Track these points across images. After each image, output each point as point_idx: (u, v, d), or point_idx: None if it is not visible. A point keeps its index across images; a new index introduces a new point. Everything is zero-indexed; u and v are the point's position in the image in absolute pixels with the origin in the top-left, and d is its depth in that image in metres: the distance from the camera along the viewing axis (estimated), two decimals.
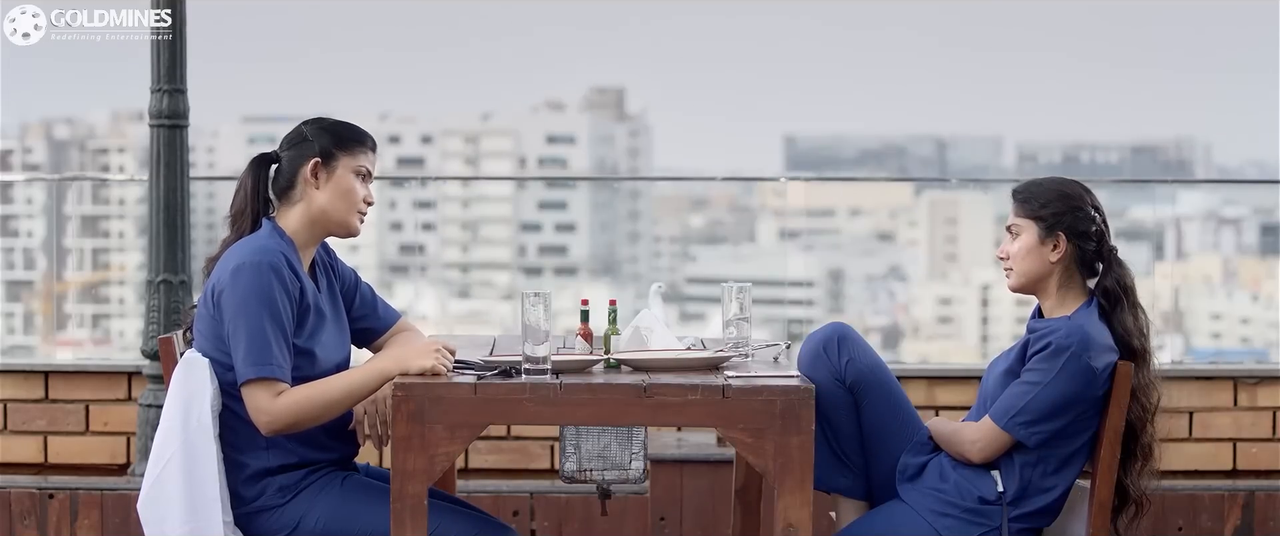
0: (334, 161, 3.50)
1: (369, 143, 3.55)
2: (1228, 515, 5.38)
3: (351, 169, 3.50)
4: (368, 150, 3.54)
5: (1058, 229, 3.57)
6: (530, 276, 71.35)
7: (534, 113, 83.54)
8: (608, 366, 3.52)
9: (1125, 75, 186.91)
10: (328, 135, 3.51)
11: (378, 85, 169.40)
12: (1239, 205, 61.49)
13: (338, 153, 3.50)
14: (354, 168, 3.51)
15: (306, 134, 3.52)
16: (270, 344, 3.34)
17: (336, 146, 3.50)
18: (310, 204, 3.49)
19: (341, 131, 3.53)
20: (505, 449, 5.60)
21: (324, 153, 3.49)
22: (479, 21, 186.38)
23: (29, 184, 52.96)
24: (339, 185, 3.50)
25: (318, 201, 3.49)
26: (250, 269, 3.36)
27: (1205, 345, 55.62)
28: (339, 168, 3.50)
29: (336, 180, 3.49)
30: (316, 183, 3.49)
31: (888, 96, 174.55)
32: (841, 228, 73.36)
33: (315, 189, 3.49)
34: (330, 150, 3.50)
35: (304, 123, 3.56)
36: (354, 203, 3.51)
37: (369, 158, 3.54)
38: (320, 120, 3.56)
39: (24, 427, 5.65)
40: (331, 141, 3.51)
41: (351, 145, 3.52)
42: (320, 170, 3.49)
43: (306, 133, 3.52)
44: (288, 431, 3.38)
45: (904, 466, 3.64)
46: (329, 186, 3.49)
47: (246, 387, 3.35)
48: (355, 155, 3.51)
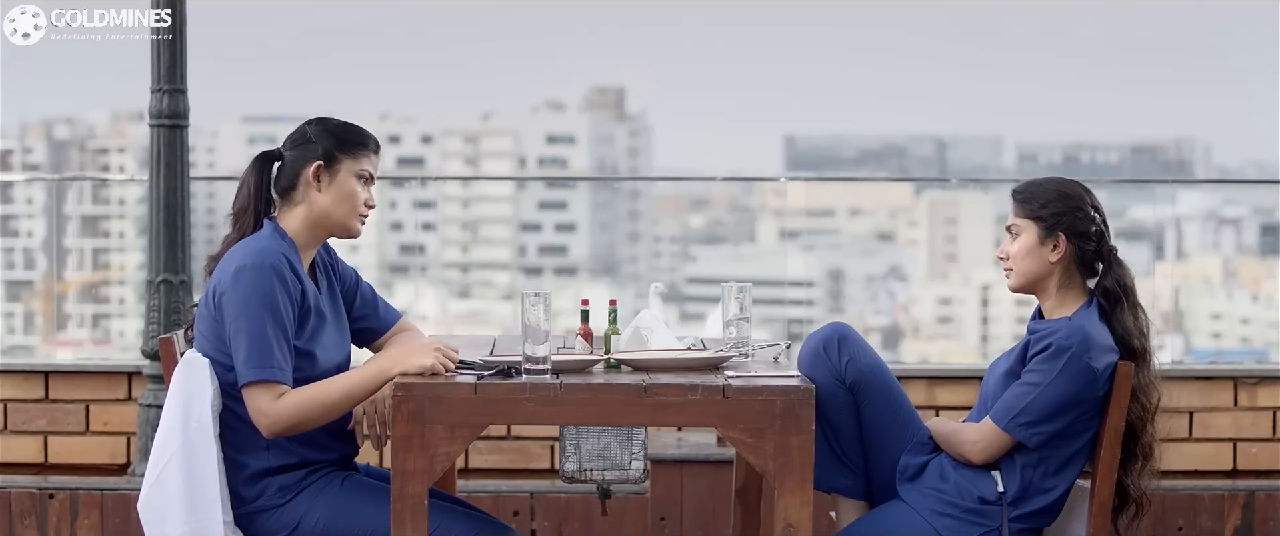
0: (336, 164, 3.49)
1: (372, 145, 3.55)
2: (1228, 515, 5.38)
3: (354, 172, 3.50)
4: (371, 153, 3.53)
5: (1058, 229, 3.57)
6: (530, 276, 71.37)
7: (534, 113, 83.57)
8: (608, 366, 3.52)
9: (1125, 75, 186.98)
10: (331, 137, 3.50)
11: (378, 85, 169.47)
12: (1239, 205, 61.51)
13: (340, 155, 3.49)
14: (356, 171, 3.50)
15: (310, 135, 3.51)
16: (272, 346, 3.34)
17: (339, 149, 3.50)
18: (312, 205, 3.49)
19: (345, 134, 3.52)
20: (505, 449, 5.59)
21: (326, 155, 3.48)
22: (479, 21, 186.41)
23: (29, 184, 52.94)
24: (341, 188, 3.49)
25: (319, 203, 3.49)
26: (252, 271, 3.36)
27: (1205, 345, 55.63)
28: (341, 171, 3.49)
29: (338, 183, 3.49)
30: (318, 185, 3.48)
31: (888, 96, 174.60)
32: (841, 227, 73.40)
33: (317, 191, 3.48)
34: (333, 153, 3.49)
35: (308, 122, 3.55)
36: (355, 206, 3.51)
37: (372, 160, 3.53)
38: (324, 121, 3.55)
39: (24, 427, 5.65)
40: (334, 144, 3.50)
41: (354, 148, 3.51)
42: (323, 173, 3.48)
43: (310, 133, 3.51)
44: (289, 433, 3.38)
45: (904, 466, 3.64)
46: (331, 189, 3.49)
47: (247, 390, 3.35)
48: (358, 158, 3.51)
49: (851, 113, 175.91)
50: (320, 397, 3.36)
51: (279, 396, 3.34)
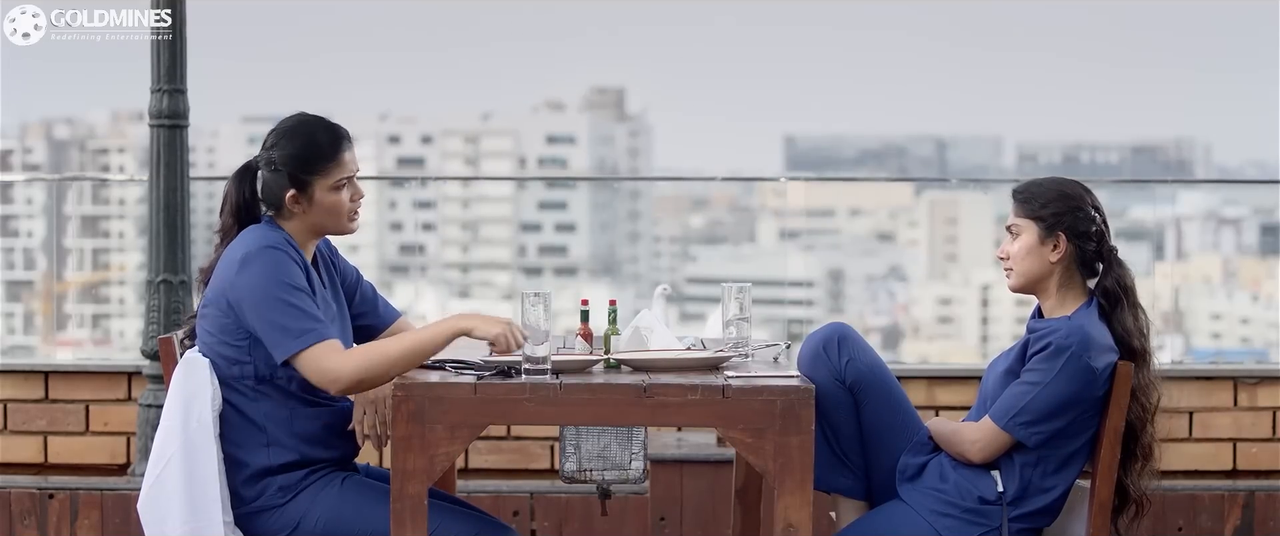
0: (309, 187, 3.47)
1: (338, 150, 3.48)
2: (1228, 515, 5.38)
3: (328, 187, 3.47)
4: (340, 157, 3.48)
5: (1058, 229, 3.57)
6: (530, 276, 71.36)
7: (534, 113, 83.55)
8: (608, 366, 3.52)
9: (1125, 75, 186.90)
10: (294, 161, 3.45)
11: (378, 85, 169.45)
12: (1239, 205, 61.50)
13: (308, 178, 3.46)
14: (330, 185, 3.47)
15: (275, 161, 3.46)
16: (305, 311, 3.34)
17: (304, 172, 3.46)
18: (302, 219, 3.50)
19: (306, 153, 3.46)
20: (505, 449, 5.59)
21: (295, 181, 3.46)
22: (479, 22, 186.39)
23: (29, 184, 52.97)
24: (320, 205, 3.48)
25: (308, 218, 3.50)
26: (258, 254, 3.38)
27: (1205, 345, 55.63)
28: (315, 190, 3.47)
29: (317, 202, 3.48)
30: (299, 208, 3.49)
31: (888, 96, 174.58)
32: (841, 228, 73.39)
33: (303, 210, 3.49)
34: (299, 177, 3.46)
35: (270, 142, 3.49)
36: (340, 214, 3.50)
37: (343, 164, 3.48)
38: (287, 138, 3.48)
39: (24, 427, 5.65)
40: (299, 167, 3.45)
41: (320, 164, 3.46)
42: (299, 199, 3.48)
43: (275, 159, 3.46)
44: (353, 390, 3.36)
45: (904, 466, 3.64)
46: (313, 209, 3.49)
47: (300, 360, 3.33)
48: (328, 173, 3.47)
49: (851, 113, 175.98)
50: (386, 353, 3.35)
51: (338, 351, 3.33)
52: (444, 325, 3.38)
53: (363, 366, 3.33)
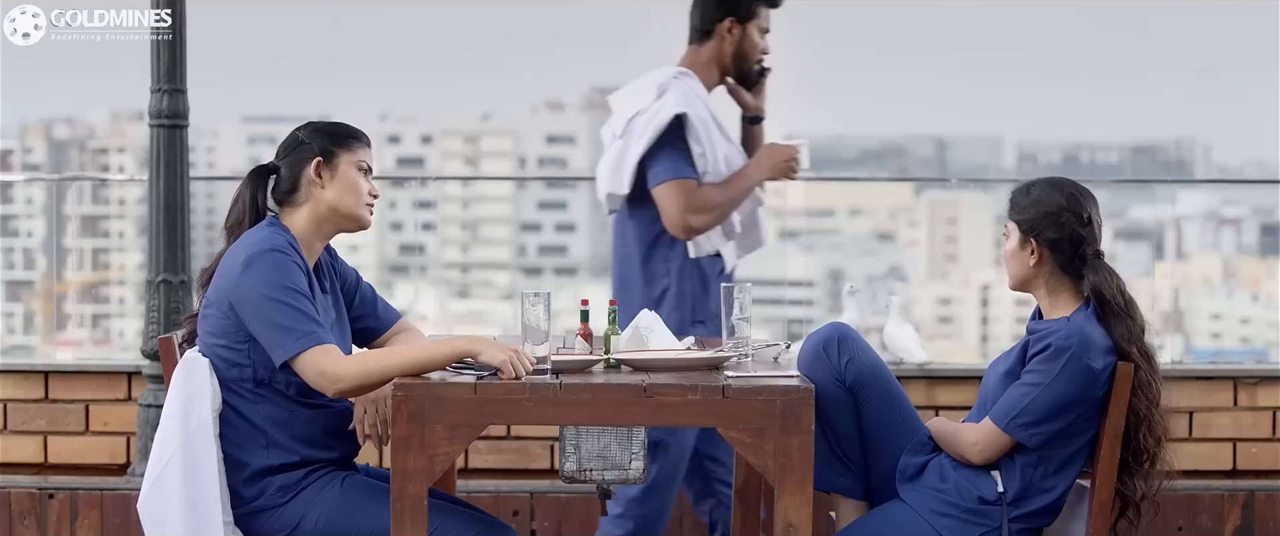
0: (335, 158, 3.53)
1: (364, 139, 3.60)
2: (1228, 515, 5.38)
3: (353, 164, 3.54)
4: (364, 146, 3.58)
5: (1031, 236, 3.59)
6: (530, 276, 71.32)
7: (534, 113, 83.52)
8: (608, 366, 3.53)
9: (1125, 75, 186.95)
10: (323, 135, 3.56)
11: (378, 85, 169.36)
12: (1239, 205, 61.45)
13: (337, 150, 3.54)
14: (355, 162, 3.55)
15: (302, 138, 3.56)
16: (305, 314, 3.36)
17: (334, 144, 3.55)
18: (318, 203, 3.51)
19: (336, 130, 3.58)
20: (505, 449, 5.59)
21: (324, 151, 3.53)
22: (479, 22, 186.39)
23: (29, 184, 52.88)
24: (344, 180, 3.52)
25: (326, 199, 3.51)
26: (261, 256, 3.38)
27: (1205, 345, 55.58)
28: (341, 164, 3.53)
29: (341, 175, 3.53)
30: (322, 181, 3.52)
31: (888, 96, 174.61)
32: (841, 228, 73.35)
33: (321, 187, 3.52)
34: (329, 148, 3.54)
35: (297, 129, 3.60)
36: (360, 195, 3.55)
37: (366, 153, 3.58)
38: (312, 123, 3.60)
39: (24, 427, 5.65)
40: (329, 140, 3.55)
41: (348, 141, 3.56)
42: (323, 169, 3.52)
43: (302, 137, 3.57)
44: (351, 394, 3.38)
45: (904, 466, 3.64)
46: (334, 183, 3.52)
47: (299, 361, 3.35)
48: (354, 151, 3.55)
49: (851, 113, 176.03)
50: (386, 362, 3.37)
51: (336, 355, 3.35)
52: (451, 344, 3.39)
53: (363, 371, 3.35)
